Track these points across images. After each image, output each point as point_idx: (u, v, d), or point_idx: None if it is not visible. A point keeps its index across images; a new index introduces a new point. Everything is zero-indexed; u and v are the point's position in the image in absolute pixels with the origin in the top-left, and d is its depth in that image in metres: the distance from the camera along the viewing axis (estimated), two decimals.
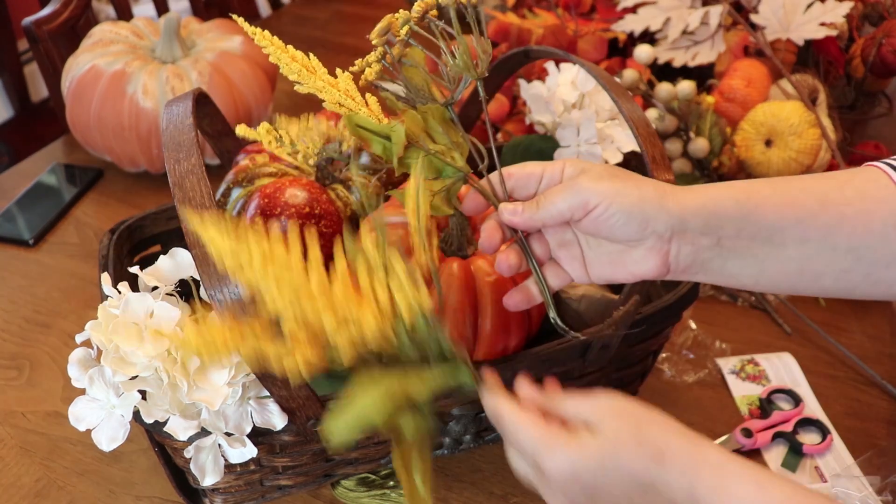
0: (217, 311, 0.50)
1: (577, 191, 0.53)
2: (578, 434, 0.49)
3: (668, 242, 0.53)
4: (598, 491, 0.49)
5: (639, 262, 0.55)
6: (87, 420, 0.58)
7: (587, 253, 0.57)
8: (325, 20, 1.66)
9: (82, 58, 1.07)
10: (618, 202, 0.53)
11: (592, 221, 0.54)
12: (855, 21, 1.13)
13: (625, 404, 0.50)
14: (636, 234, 0.53)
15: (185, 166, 0.54)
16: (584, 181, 0.53)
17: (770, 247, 0.53)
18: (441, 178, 0.59)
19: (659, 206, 0.53)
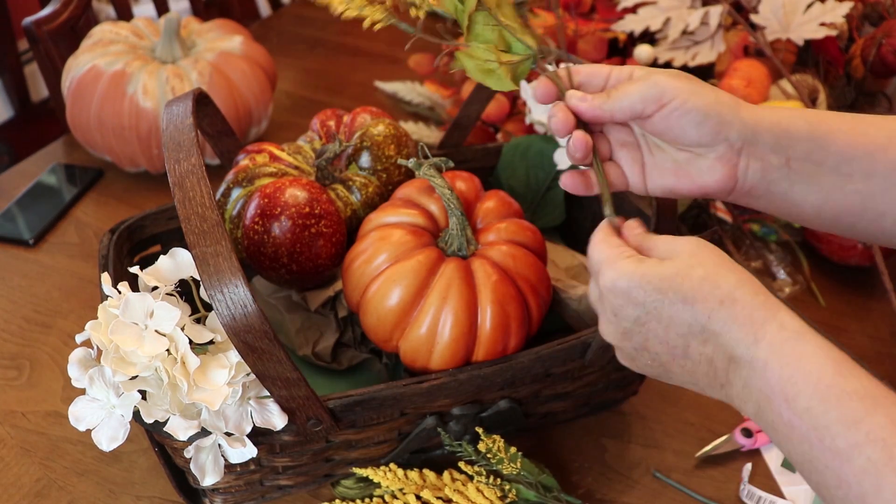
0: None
1: (653, 83, 0.51)
2: (648, 258, 0.48)
3: (737, 154, 0.52)
4: (651, 318, 0.47)
5: (704, 173, 0.53)
6: (87, 420, 0.58)
7: (648, 159, 0.55)
8: (325, 20, 1.66)
9: (82, 58, 1.07)
10: (693, 100, 0.51)
11: (664, 118, 0.52)
12: (855, 21, 1.13)
13: (710, 249, 0.47)
14: (708, 138, 0.51)
15: (185, 166, 0.54)
16: (658, 76, 0.52)
17: (836, 176, 0.51)
18: (510, 53, 0.57)
19: (734, 113, 0.51)
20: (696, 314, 0.46)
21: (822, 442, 0.41)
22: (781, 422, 0.43)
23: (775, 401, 0.43)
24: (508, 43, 0.57)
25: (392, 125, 0.78)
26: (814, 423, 0.41)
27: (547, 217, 0.90)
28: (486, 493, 0.66)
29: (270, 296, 0.81)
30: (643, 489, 0.74)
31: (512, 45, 0.57)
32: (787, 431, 0.43)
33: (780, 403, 0.43)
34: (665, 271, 0.46)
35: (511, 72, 0.57)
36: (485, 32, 0.56)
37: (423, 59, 1.25)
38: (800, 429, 0.42)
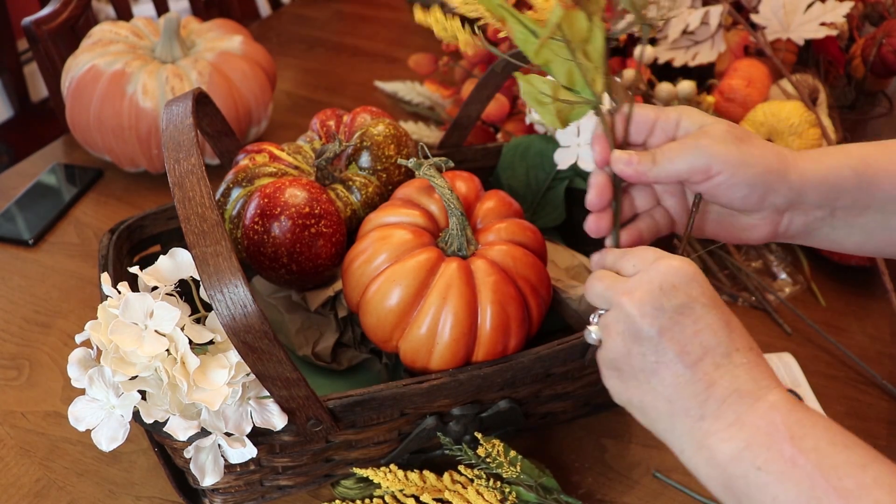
0: None
1: (700, 153, 0.50)
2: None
3: (782, 214, 0.52)
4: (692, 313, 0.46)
5: (748, 230, 0.54)
6: (87, 420, 0.58)
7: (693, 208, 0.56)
8: (325, 20, 1.66)
9: (82, 58, 1.07)
10: (742, 173, 0.50)
11: (711, 187, 0.51)
12: (855, 21, 1.13)
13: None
14: (753, 206, 0.52)
15: (184, 166, 0.54)
16: (707, 143, 0.50)
17: (882, 215, 0.52)
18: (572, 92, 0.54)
19: (781, 179, 0.51)
20: (732, 340, 0.46)
21: (828, 481, 0.40)
22: (780, 460, 0.42)
23: (776, 438, 0.42)
24: (575, 82, 0.54)
25: (392, 125, 0.78)
26: (821, 462, 0.41)
27: (547, 217, 0.90)
28: (486, 495, 0.66)
29: (270, 296, 0.81)
30: (643, 489, 0.74)
31: (576, 87, 0.55)
32: (784, 469, 0.42)
33: (782, 441, 0.42)
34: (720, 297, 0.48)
35: (564, 112, 0.55)
36: (555, 63, 0.54)
37: (423, 59, 1.25)
38: (804, 467, 0.41)
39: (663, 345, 0.47)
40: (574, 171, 0.88)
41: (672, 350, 0.47)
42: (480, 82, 0.83)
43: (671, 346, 0.47)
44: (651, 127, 0.54)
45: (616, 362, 0.50)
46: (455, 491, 0.67)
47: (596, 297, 0.52)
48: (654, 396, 0.48)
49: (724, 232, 0.55)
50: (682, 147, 0.52)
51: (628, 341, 0.48)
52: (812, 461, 0.41)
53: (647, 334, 0.47)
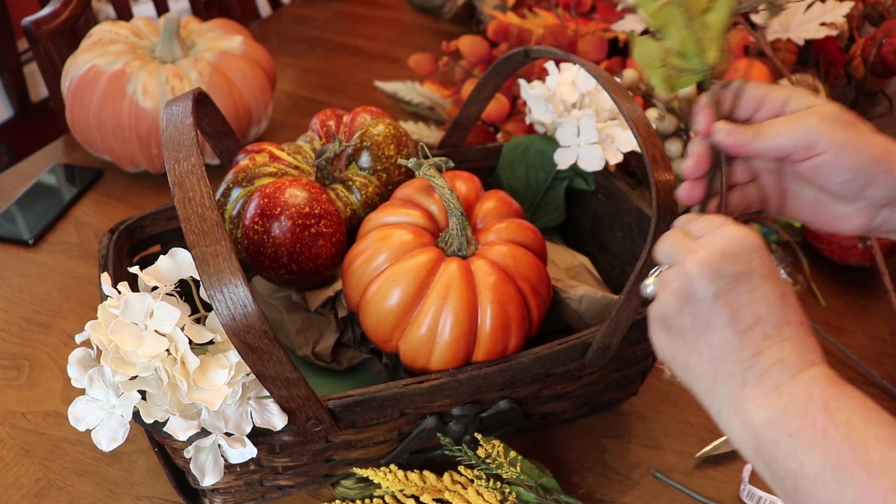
0: None
1: (806, 130, 0.50)
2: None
3: (879, 209, 0.52)
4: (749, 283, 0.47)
5: (841, 219, 0.53)
6: (87, 420, 0.58)
7: (788, 188, 0.55)
8: (325, 20, 1.66)
9: (82, 58, 1.07)
10: (845, 157, 0.49)
11: (811, 167, 0.51)
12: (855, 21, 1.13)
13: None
14: (852, 194, 0.51)
15: (184, 166, 0.54)
16: (814, 121, 0.50)
17: None
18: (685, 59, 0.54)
19: (886, 172, 0.50)
20: (784, 313, 0.47)
21: (854, 453, 0.41)
22: (812, 428, 0.43)
23: (811, 408, 0.44)
24: (689, 50, 0.54)
25: (392, 125, 0.78)
26: (850, 435, 0.42)
27: (547, 217, 0.90)
28: (486, 496, 0.66)
29: (270, 296, 0.81)
30: (643, 489, 0.74)
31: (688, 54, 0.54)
32: (814, 438, 0.43)
33: (816, 411, 0.43)
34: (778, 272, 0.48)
35: (673, 78, 0.55)
36: (671, 28, 0.54)
37: (423, 59, 1.25)
38: (833, 438, 0.42)
39: (716, 308, 0.47)
40: (574, 171, 0.88)
41: (724, 315, 0.47)
42: (480, 82, 0.83)
43: (724, 311, 0.47)
44: (759, 104, 0.54)
45: (667, 318, 0.50)
46: (455, 491, 0.67)
47: (661, 254, 0.52)
48: (698, 357, 0.49)
49: (816, 218, 0.54)
50: (788, 122, 0.51)
51: (682, 299, 0.49)
52: (842, 433, 0.42)
53: (701, 296, 0.48)
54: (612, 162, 0.83)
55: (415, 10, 1.70)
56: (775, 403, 0.45)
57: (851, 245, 0.94)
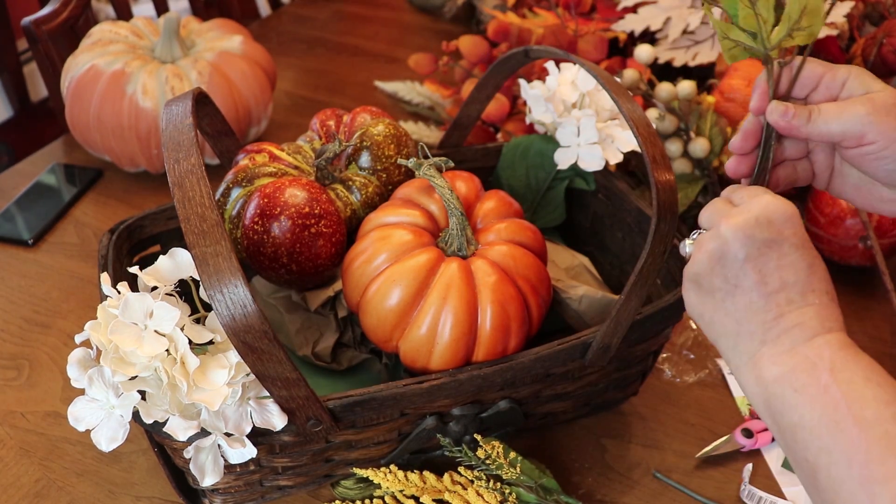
0: None
1: (857, 120, 0.52)
2: None
3: None
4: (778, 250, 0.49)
5: (883, 202, 0.55)
6: (87, 420, 0.58)
7: (837, 167, 0.57)
8: (325, 20, 1.66)
9: (82, 57, 1.07)
10: (892, 148, 0.51)
11: (859, 156, 0.53)
12: (856, 21, 1.13)
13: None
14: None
15: (184, 166, 0.54)
16: (867, 111, 0.52)
17: None
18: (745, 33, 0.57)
19: None
20: (810, 281, 0.49)
21: (850, 409, 0.44)
22: (816, 385, 0.46)
23: (818, 367, 0.46)
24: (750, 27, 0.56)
25: (392, 125, 0.78)
26: (849, 393, 0.44)
27: (547, 217, 0.90)
28: (486, 496, 0.66)
29: (270, 296, 0.81)
30: (643, 489, 0.74)
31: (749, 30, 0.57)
32: (816, 394, 0.45)
33: (823, 370, 0.46)
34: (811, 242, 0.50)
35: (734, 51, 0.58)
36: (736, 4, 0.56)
37: (423, 59, 1.25)
38: (834, 395, 0.45)
39: (745, 271, 0.50)
40: (574, 171, 0.88)
41: (752, 278, 0.50)
42: (480, 82, 0.83)
43: (752, 274, 0.50)
44: (816, 83, 0.55)
45: (698, 277, 0.52)
46: (455, 492, 0.67)
47: (703, 219, 0.55)
48: (724, 315, 0.51)
49: (861, 199, 0.56)
50: (841, 110, 0.53)
51: (714, 260, 0.51)
52: (842, 391, 0.45)
53: (732, 257, 0.50)
54: (612, 162, 0.83)
55: (415, 10, 1.70)
56: (787, 362, 0.47)
57: (852, 245, 0.94)
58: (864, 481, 0.42)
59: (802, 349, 0.48)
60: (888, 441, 0.42)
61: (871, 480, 0.42)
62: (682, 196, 0.98)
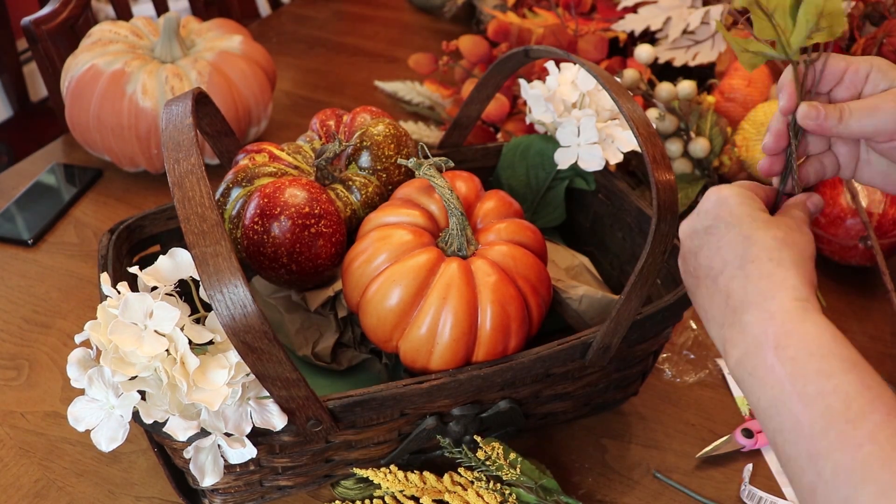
0: None
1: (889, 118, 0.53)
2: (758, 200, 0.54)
3: None
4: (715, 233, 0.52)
5: None
6: (87, 420, 0.58)
7: (863, 156, 0.58)
8: (325, 20, 1.66)
9: (81, 57, 1.07)
10: None
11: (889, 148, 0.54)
12: (856, 21, 1.13)
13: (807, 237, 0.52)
14: None
15: (184, 166, 0.54)
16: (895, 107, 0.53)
17: None
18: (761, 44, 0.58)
19: None
20: (747, 252, 0.50)
21: (794, 386, 0.44)
22: (763, 366, 0.46)
23: (765, 347, 0.46)
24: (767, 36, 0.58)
25: (392, 125, 0.78)
26: (792, 371, 0.45)
27: (547, 217, 0.90)
28: (486, 497, 0.66)
29: (270, 296, 0.81)
30: (644, 490, 0.74)
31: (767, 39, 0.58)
32: (764, 375, 0.46)
33: (768, 350, 0.46)
34: (755, 214, 0.52)
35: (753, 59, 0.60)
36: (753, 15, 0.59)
37: (423, 59, 1.25)
38: (779, 374, 0.45)
39: (698, 262, 0.54)
40: (574, 171, 0.88)
41: (704, 266, 0.53)
42: (480, 82, 0.83)
43: (703, 263, 0.53)
44: (840, 78, 0.56)
45: (684, 281, 0.57)
46: (455, 492, 0.67)
47: None
48: (699, 308, 0.55)
49: (889, 186, 0.58)
50: (871, 108, 0.54)
51: (681, 261, 0.57)
52: (787, 369, 0.45)
53: (688, 253, 0.55)
54: (612, 162, 0.83)
55: (415, 10, 1.70)
56: (741, 344, 0.48)
57: (852, 245, 0.94)
58: (810, 457, 0.42)
59: (750, 328, 0.48)
60: (830, 415, 0.42)
61: (815, 455, 0.42)
62: (682, 196, 0.98)
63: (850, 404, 0.42)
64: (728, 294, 0.50)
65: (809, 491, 0.43)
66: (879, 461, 0.39)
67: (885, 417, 0.41)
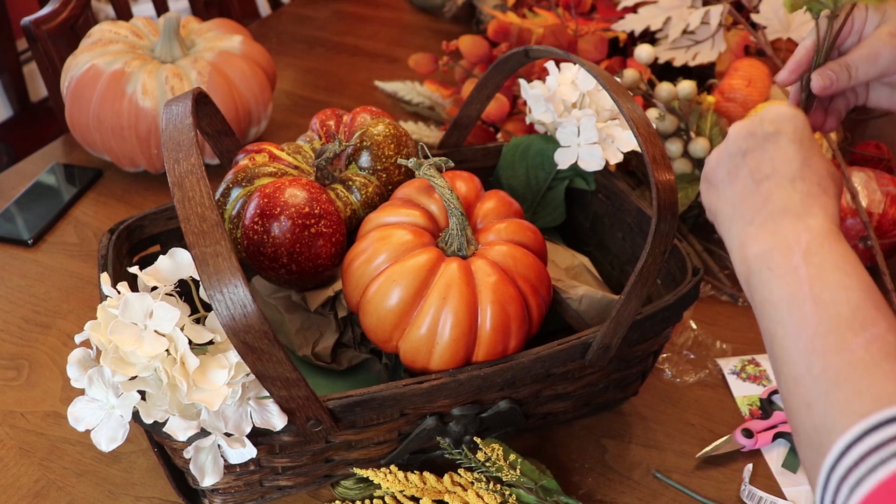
0: None
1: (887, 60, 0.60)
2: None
3: None
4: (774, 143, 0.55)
5: None
6: (87, 420, 0.58)
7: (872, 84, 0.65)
8: (325, 20, 1.66)
9: (81, 57, 1.07)
10: None
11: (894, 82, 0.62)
12: None
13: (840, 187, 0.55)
14: None
15: (184, 166, 0.54)
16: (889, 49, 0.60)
17: None
18: None
19: None
20: (801, 172, 0.53)
21: (811, 289, 0.47)
22: (787, 264, 0.49)
23: (795, 249, 0.50)
24: None
25: (392, 125, 0.78)
26: (816, 275, 0.48)
27: (547, 217, 0.90)
28: (486, 498, 0.66)
29: (270, 296, 0.81)
30: (644, 490, 0.74)
31: None
32: (785, 273, 0.49)
33: (797, 252, 0.49)
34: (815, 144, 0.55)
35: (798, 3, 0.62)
36: None
37: (423, 59, 1.25)
38: (801, 275, 0.48)
39: (745, 161, 0.56)
40: (574, 171, 0.88)
41: (748, 167, 0.56)
42: (480, 82, 0.83)
43: (749, 164, 0.56)
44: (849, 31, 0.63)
45: (709, 175, 0.59)
46: (455, 493, 0.67)
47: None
48: (724, 202, 0.57)
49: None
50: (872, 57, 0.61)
51: (721, 156, 0.58)
52: (810, 273, 0.48)
53: (734, 151, 0.57)
54: (612, 162, 0.83)
55: (415, 10, 1.70)
56: (768, 241, 0.51)
57: (852, 245, 0.94)
58: (805, 352, 0.46)
59: (784, 231, 0.51)
60: (837, 321, 0.45)
61: (810, 352, 0.45)
62: (682, 196, 0.98)
63: (856, 315, 0.45)
64: (768, 198, 0.53)
65: (794, 381, 0.46)
66: (864, 367, 0.43)
67: (884, 333, 0.44)
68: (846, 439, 0.41)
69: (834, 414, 0.42)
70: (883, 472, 0.38)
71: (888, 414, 0.40)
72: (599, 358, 0.68)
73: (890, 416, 0.40)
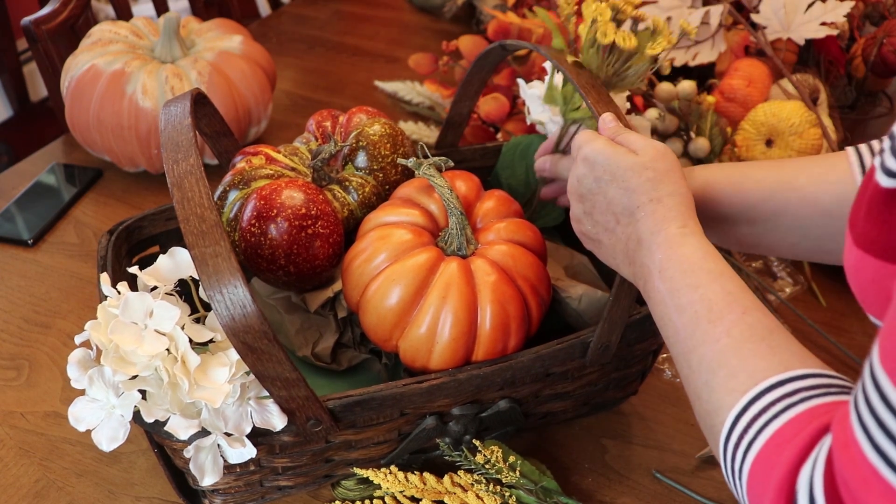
0: None
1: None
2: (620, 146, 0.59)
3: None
4: (601, 192, 0.58)
5: None
6: (87, 420, 0.58)
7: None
8: (325, 20, 1.66)
9: (81, 57, 1.07)
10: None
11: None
12: (856, 21, 1.13)
13: (670, 158, 0.57)
14: None
15: (183, 167, 0.54)
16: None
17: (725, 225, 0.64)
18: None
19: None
20: (631, 202, 0.56)
21: (672, 300, 0.52)
22: (654, 289, 0.54)
23: (654, 274, 0.54)
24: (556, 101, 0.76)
25: (388, 124, 0.78)
26: (671, 287, 0.53)
27: (547, 217, 0.90)
28: (486, 500, 0.66)
29: (269, 297, 0.81)
30: (643, 490, 0.74)
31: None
32: (655, 296, 0.54)
33: (656, 276, 0.54)
34: (625, 162, 0.57)
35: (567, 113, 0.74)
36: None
37: (423, 59, 1.25)
38: (662, 292, 0.53)
39: (595, 220, 0.60)
40: None
41: (600, 222, 0.59)
42: (465, 79, 0.83)
43: (598, 220, 0.60)
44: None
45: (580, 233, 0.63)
46: (454, 493, 0.67)
47: None
48: (607, 255, 0.61)
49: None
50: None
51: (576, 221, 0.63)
52: (666, 288, 0.53)
53: (582, 215, 0.61)
54: None
55: (415, 10, 1.70)
56: (640, 276, 0.56)
57: None
58: (684, 354, 0.51)
59: (645, 262, 0.55)
60: (696, 319, 0.50)
61: (687, 352, 0.50)
62: None
63: (711, 308, 0.50)
64: (627, 238, 0.57)
65: (685, 381, 0.51)
66: (731, 350, 0.48)
67: (740, 316, 0.49)
68: (733, 413, 0.46)
69: (718, 396, 0.47)
70: (767, 433, 0.43)
71: (763, 385, 0.45)
72: (599, 357, 0.68)
73: (764, 388, 0.45)
